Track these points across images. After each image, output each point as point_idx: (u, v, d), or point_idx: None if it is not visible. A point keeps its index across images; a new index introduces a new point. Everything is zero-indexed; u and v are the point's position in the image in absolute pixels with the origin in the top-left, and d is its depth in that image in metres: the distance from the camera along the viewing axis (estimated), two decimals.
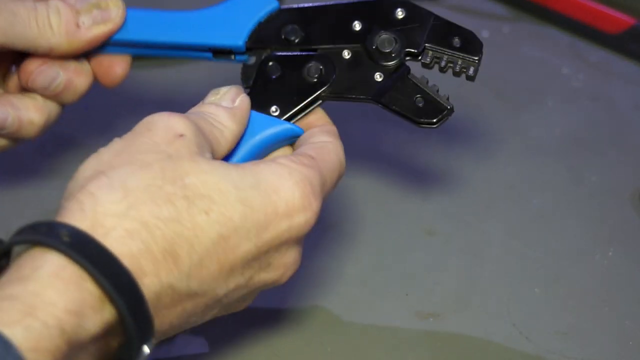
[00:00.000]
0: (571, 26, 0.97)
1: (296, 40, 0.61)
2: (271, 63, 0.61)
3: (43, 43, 0.62)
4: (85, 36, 0.62)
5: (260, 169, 0.53)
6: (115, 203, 0.48)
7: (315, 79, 0.61)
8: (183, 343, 0.67)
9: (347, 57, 0.61)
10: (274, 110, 0.60)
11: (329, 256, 0.74)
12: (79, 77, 0.64)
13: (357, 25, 0.61)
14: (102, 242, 0.47)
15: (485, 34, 0.96)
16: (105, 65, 0.65)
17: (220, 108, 0.57)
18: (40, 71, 0.63)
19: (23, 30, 0.61)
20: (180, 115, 0.54)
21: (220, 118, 0.56)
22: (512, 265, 0.75)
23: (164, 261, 0.49)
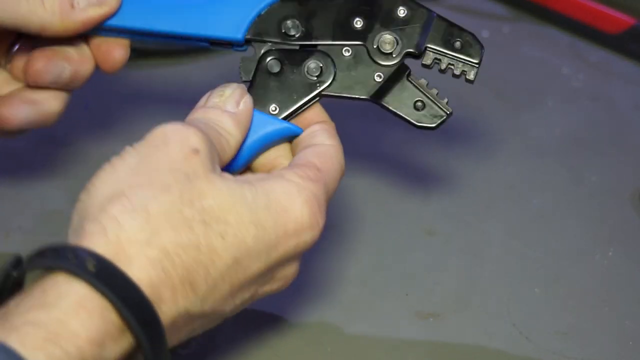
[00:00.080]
0: (571, 26, 0.97)
1: (296, 35, 0.61)
2: (271, 59, 0.61)
3: (34, 20, 0.60)
4: (79, 17, 0.60)
5: (271, 188, 0.54)
6: (138, 230, 0.49)
7: (315, 77, 0.61)
8: (182, 344, 0.67)
9: (348, 55, 0.61)
10: (273, 108, 0.60)
11: (329, 256, 0.74)
12: (83, 65, 0.63)
13: (359, 22, 0.61)
14: (126, 272, 0.48)
15: (485, 34, 0.96)
16: (103, 50, 0.63)
17: (225, 115, 0.57)
18: (47, 69, 0.62)
19: (13, 6, 0.59)
20: (193, 127, 0.53)
21: (226, 126, 0.56)
22: (512, 265, 0.75)
23: (182, 288, 0.50)
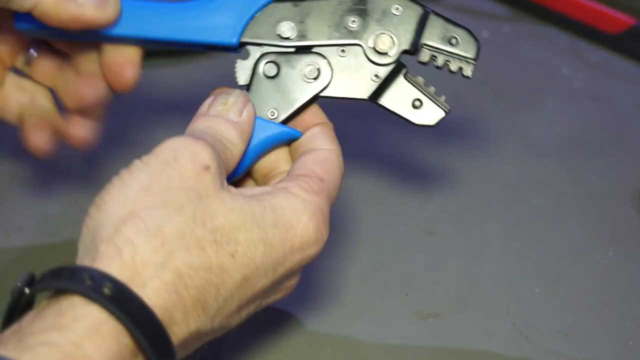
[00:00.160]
0: (571, 26, 0.98)
1: (291, 37, 0.61)
2: (267, 62, 0.61)
3: None
4: (73, 10, 0.58)
5: (278, 204, 0.54)
6: (152, 252, 0.49)
7: (312, 79, 0.61)
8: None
9: (344, 56, 0.61)
10: (272, 112, 0.60)
11: (330, 256, 0.74)
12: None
13: (354, 21, 0.61)
14: (140, 296, 0.48)
15: (485, 34, 0.96)
16: (114, 68, 0.62)
17: (229, 125, 0.57)
18: (89, 100, 0.63)
19: None
20: (201, 141, 0.53)
21: (230, 137, 0.56)
22: (512, 265, 0.75)
23: (194, 309, 0.50)
